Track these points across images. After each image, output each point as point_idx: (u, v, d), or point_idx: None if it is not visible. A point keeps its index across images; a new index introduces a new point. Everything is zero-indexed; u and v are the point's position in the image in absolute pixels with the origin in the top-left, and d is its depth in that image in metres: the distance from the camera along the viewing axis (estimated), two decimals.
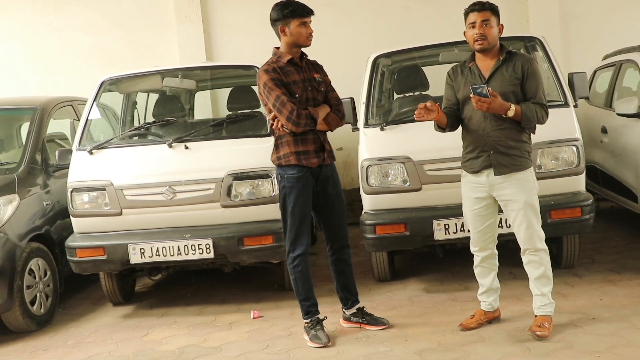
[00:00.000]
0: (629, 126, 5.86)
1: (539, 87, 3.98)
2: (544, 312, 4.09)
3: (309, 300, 4.42)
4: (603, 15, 8.69)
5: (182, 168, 5.16)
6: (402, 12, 8.85)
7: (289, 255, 4.36)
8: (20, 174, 5.48)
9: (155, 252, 5.05)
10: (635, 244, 6.07)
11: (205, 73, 6.72)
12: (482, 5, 4.01)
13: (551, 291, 4.12)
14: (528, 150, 4.06)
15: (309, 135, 4.26)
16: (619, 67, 6.57)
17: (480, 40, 3.99)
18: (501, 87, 3.98)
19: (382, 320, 4.57)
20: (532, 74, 3.98)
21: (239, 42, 8.79)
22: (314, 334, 4.35)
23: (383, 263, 5.50)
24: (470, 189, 4.18)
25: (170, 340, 4.76)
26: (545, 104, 4.00)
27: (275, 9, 4.24)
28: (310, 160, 4.26)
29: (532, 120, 3.93)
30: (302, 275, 4.37)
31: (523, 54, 4.13)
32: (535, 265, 4.09)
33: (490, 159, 4.02)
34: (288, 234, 4.34)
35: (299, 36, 4.22)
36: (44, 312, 5.34)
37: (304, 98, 4.25)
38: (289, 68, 4.24)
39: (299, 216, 4.28)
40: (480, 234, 4.22)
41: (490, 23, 3.98)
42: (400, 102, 5.87)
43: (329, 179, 4.39)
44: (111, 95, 6.32)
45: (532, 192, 4.03)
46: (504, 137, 3.98)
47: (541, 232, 4.08)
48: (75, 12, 9.04)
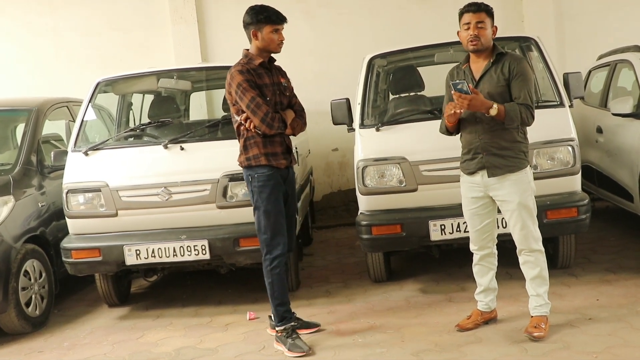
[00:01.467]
0: (624, 126, 5.87)
1: (524, 88, 3.93)
2: (539, 313, 4.09)
3: (284, 306, 4.32)
4: (598, 15, 8.72)
5: (177, 169, 5.15)
6: (399, 12, 8.86)
7: (266, 257, 4.28)
8: (16, 175, 5.47)
9: (151, 253, 5.04)
10: (631, 244, 6.08)
11: (200, 74, 6.71)
12: (477, 6, 4.01)
13: (547, 292, 4.12)
14: (524, 150, 4.04)
15: (277, 138, 4.30)
16: (614, 67, 6.58)
17: (474, 41, 3.99)
18: (489, 88, 3.99)
19: (314, 323, 4.60)
20: (519, 74, 3.94)
21: (234, 43, 8.62)
22: (292, 342, 4.21)
23: (379, 264, 5.50)
24: (468, 189, 4.19)
25: (166, 341, 4.74)
26: (531, 105, 3.94)
27: (249, 12, 4.25)
28: (279, 161, 4.30)
29: (514, 120, 3.91)
30: (279, 278, 4.29)
31: (514, 55, 4.10)
32: (530, 266, 4.09)
33: (483, 161, 4.04)
34: (263, 235, 4.28)
35: (270, 42, 4.25)
36: (39, 314, 5.32)
37: (273, 101, 4.29)
38: (260, 71, 4.27)
39: (273, 214, 4.26)
40: (478, 232, 4.23)
41: (485, 24, 3.98)
42: (396, 103, 5.87)
43: (291, 182, 4.46)
44: (106, 96, 6.30)
45: (526, 192, 4.02)
46: (497, 139, 3.99)
47: (537, 232, 4.07)
48: (71, 13, 9.02)
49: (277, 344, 4.31)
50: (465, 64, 4.14)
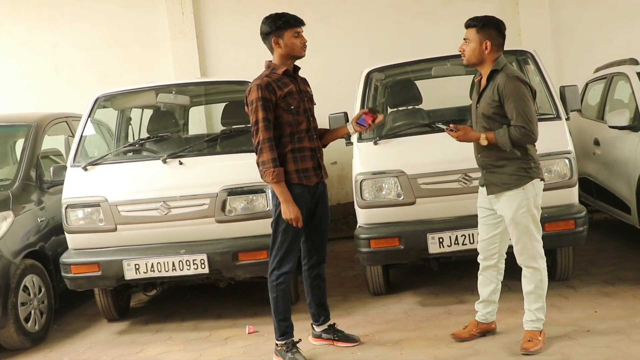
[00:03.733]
0: (621, 138, 5.90)
1: (516, 109, 3.86)
2: (530, 327, 4.08)
3: (286, 321, 4.29)
4: (594, 29, 8.77)
5: (176, 183, 5.16)
6: (396, 26, 8.91)
7: (273, 272, 4.23)
8: (15, 191, 5.48)
9: (150, 267, 5.05)
10: (629, 255, 6.09)
11: (199, 88, 6.73)
12: (468, 21, 4.06)
13: (542, 309, 4.07)
14: (524, 166, 3.97)
15: (307, 152, 4.22)
16: (611, 79, 6.61)
17: (461, 56, 4.09)
18: (483, 109, 4.02)
19: (353, 337, 4.55)
20: (508, 95, 3.88)
21: (233, 58, 8.83)
22: (291, 357, 4.20)
23: (378, 277, 5.50)
24: (480, 199, 4.25)
25: (166, 356, 4.74)
26: (527, 124, 3.84)
27: (266, 22, 4.16)
28: (310, 179, 4.21)
29: (505, 145, 3.90)
30: (284, 294, 4.26)
31: (506, 73, 3.95)
32: (526, 281, 4.10)
33: (483, 178, 4.11)
34: (276, 250, 4.23)
35: (294, 47, 4.15)
36: (38, 329, 5.32)
37: (302, 109, 4.19)
38: (285, 80, 4.17)
39: (292, 234, 4.19)
40: (485, 243, 4.25)
41: (469, 40, 4.02)
42: (394, 116, 5.90)
43: (321, 197, 4.36)
44: (106, 111, 6.33)
45: (520, 209, 3.96)
46: (494, 157, 4.02)
47: (534, 250, 4.03)
48: (71, 29, 9.09)
49: (276, 357, 4.31)
50: (480, 77, 4.16)
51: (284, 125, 4.13)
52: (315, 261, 4.47)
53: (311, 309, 4.57)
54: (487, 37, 3.98)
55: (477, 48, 3.99)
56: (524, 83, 3.93)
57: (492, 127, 3.98)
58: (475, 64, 4.06)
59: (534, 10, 8.79)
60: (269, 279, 4.27)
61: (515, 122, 3.88)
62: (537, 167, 4.04)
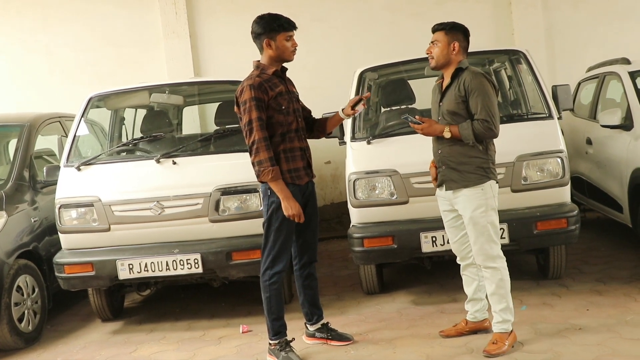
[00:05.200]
0: (613, 137, 5.93)
1: (479, 103, 3.94)
2: (498, 329, 4.09)
3: (280, 320, 4.29)
4: (587, 28, 8.83)
5: (170, 183, 5.16)
6: (390, 26, 8.94)
7: (266, 271, 4.23)
8: (8, 191, 5.47)
9: (144, 267, 5.05)
10: (621, 254, 6.12)
11: (193, 88, 6.73)
12: (436, 26, 4.12)
13: (507, 310, 4.07)
14: (482, 166, 4.03)
15: (297, 152, 4.24)
16: (603, 79, 6.64)
17: (429, 59, 4.13)
18: (448, 106, 4.06)
19: (347, 336, 4.57)
20: (474, 90, 3.95)
21: (227, 58, 8.83)
22: (285, 356, 4.21)
23: (371, 276, 5.52)
24: (440, 203, 4.29)
25: (160, 355, 4.75)
26: (490, 118, 3.92)
27: (260, 22, 4.15)
28: (301, 178, 4.24)
29: (468, 138, 3.95)
30: (277, 293, 4.26)
31: (471, 70, 4.04)
32: (487, 282, 4.12)
33: (442, 175, 4.14)
34: (268, 250, 4.22)
35: (285, 50, 4.17)
36: (32, 330, 5.31)
37: (291, 109, 4.21)
38: (275, 80, 4.18)
39: (285, 233, 4.20)
40: (457, 245, 4.30)
41: (437, 42, 4.07)
42: (387, 116, 5.91)
43: (311, 195, 4.39)
44: (99, 111, 6.32)
45: (479, 209, 4.00)
46: (455, 153, 4.06)
47: (491, 250, 4.05)
48: (65, 30, 9.07)
49: (270, 356, 4.32)
50: (439, 80, 4.23)
51: (275, 126, 4.14)
52: (306, 260, 4.49)
53: (304, 308, 4.59)
54: (455, 39, 4.07)
55: (446, 48, 4.05)
56: (488, 80, 4.03)
57: (456, 123, 4.03)
58: (442, 65, 4.10)
59: (526, 10, 8.84)
60: (261, 278, 4.27)
61: (478, 116, 3.95)
62: (494, 169, 4.12)
